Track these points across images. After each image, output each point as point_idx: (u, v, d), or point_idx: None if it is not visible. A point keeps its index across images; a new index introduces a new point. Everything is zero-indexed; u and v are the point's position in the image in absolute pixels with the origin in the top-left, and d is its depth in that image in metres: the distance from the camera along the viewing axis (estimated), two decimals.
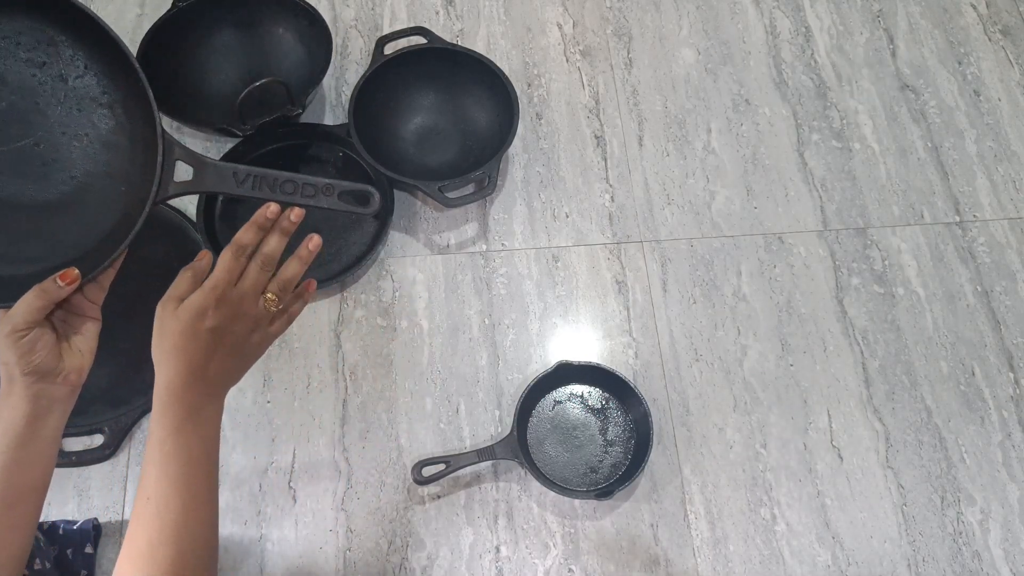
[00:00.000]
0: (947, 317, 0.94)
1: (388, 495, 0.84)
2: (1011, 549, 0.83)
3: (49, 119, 0.54)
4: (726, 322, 0.94)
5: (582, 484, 0.84)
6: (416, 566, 0.81)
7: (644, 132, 1.05)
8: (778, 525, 0.84)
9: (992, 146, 1.05)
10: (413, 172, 0.98)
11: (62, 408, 0.54)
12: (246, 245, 0.59)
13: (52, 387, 0.53)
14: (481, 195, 0.91)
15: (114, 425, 0.85)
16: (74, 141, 0.55)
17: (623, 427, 0.87)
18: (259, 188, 0.59)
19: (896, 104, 1.07)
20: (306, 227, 1.02)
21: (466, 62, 1.00)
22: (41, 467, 0.54)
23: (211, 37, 1.04)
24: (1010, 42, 1.13)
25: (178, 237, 0.96)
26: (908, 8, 1.15)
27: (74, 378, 0.54)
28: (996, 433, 0.89)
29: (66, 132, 0.54)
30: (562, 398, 0.89)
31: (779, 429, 0.88)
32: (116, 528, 0.82)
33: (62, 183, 0.55)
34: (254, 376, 0.89)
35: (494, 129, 0.99)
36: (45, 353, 0.52)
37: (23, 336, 0.50)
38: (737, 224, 0.99)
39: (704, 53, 1.11)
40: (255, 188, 0.58)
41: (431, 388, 0.90)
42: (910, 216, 1.00)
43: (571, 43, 1.11)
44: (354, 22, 1.12)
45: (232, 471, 0.85)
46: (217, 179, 0.57)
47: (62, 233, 0.55)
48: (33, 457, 0.53)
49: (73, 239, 0.55)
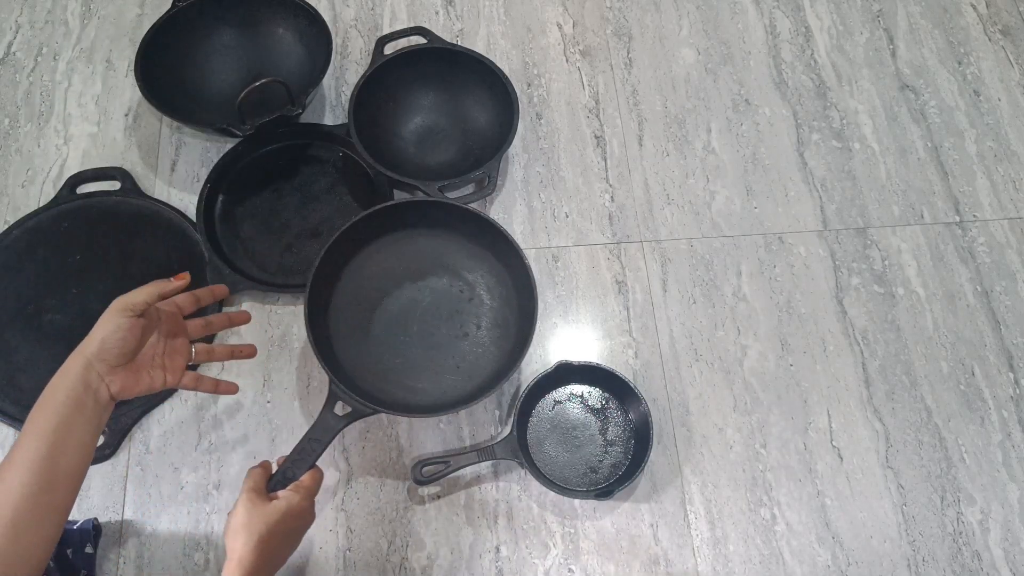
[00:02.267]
0: (947, 317, 0.94)
1: (388, 495, 0.84)
2: (1011, 549, 0.83)
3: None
4: (726, 322, 0.94)
5: (582, 484, 0.84)
6: (416, 566, 0.81)
7: (644, 132, 1.05)
8: (778, 525, 0.84)
9: (992, 146, 1.05)
10: (413, 172, 0.98)
11: (100, 411, 0.62)
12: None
13: (100, 383, 0.61)
14: (482, 195, 0.91)
15: (114, 425, 0.85)
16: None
17: (623, 427, 0.87)
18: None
19: (896, 104, 1.07)
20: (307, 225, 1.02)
21: (466, 62, 1.00)
22: (81, 455, 0.60)
23: (211, 37, 1.04)
24: (1010, 42, 1.13)
25: (178, 237, 0.96)
26: (908, 8, 1.15)
27: (116, 388, 0.62)
28: (996, 433, 0.89)
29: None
30: (562, 398, 0.89)
31: (779, 429, 0.88)
32: (116, 528, 0.82)
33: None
34: (254, 376, 0.89)
35: (494, 129, 0.99)
36: (128, 341, 0.62)
37: (130, 315, 0.62)
38: (737, 224, 0.99)
39: (704, 53, 1.11)
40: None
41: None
42: (910, 216, 1.00)
43: (571, 43, 1.11)
44: (354, 22, 1.12)
45: (232, 471, 0.85)
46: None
47: None
48: (76, 442, 0.59)
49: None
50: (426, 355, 0.85)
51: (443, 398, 0.83)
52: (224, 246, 0.95)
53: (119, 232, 0.96)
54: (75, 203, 0.97)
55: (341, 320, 0.85)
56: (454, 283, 0.88)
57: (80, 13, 1.12)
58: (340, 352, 0.83)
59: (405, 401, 0.82)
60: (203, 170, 1.00)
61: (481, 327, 0.87)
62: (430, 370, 0.85)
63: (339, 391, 0.76)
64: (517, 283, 0.86)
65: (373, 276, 0.88)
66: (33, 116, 1.05)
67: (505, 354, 0.84)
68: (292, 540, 0.71)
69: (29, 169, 1.01)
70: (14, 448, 0.58)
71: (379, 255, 0.88)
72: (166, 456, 0.86)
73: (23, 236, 0.95)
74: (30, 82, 1.07)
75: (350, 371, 0.81)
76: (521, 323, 0.84)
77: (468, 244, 0.89)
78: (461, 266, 0.89)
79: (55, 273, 0.93)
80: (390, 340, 0.86)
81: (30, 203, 0.98)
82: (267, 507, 0.68)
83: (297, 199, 0.99)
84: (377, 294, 0.87)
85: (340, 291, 0.86)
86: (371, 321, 0.86)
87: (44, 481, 0.57)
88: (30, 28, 1.11)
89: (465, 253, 0.89)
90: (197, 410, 0.88)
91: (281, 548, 0.69)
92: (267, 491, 0.70)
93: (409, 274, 0.88)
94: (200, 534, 0.82)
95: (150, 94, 0.94)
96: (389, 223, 0.87)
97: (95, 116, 1.05)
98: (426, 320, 0.87)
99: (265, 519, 0.66)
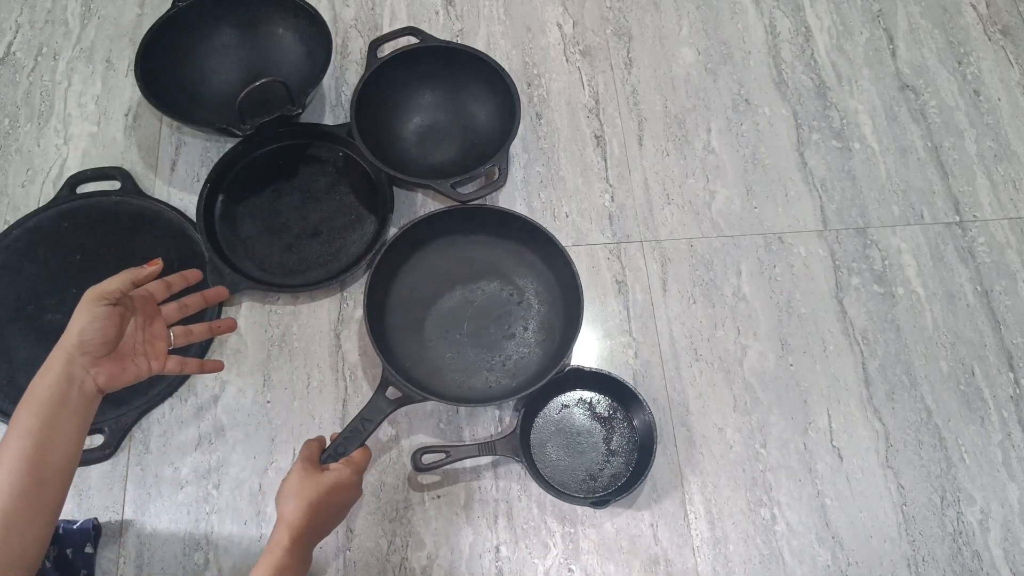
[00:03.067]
0: (947, 317, 0.94)
1: (388, 495, 0.84)
2: (1011, 549, 0.83)
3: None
4: (726, 322, 0.94)
5: (580, 490, 0.84)
6: (416, 566, 0.81)
7: (644, 132, 1.05)
8: (778, 525, 0.84)
9: (992, 146, 1.05)
10: (417, 171, 0.98)
11: (87, 404, 0.61)
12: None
13: (84, 375, 0.61)
14: (493, 187, 0.91)
15: (114, 425, 0.86)
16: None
17: (628, 439, 0.87)
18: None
19: (896, 104, 1.07)
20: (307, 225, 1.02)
21: (462, 58, 1.00)
22: (69, 451, 0.60)
23: (211, 37, 1.04)
24: (1010, 42, 1.13)
25: (178, 237, 0.96)
26: (908, 8, 1.15)
27: (103, 380, 0.62)
28: (996, 433, 0.89)
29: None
30: (570, 402, 0.89)
31: (779, 429, 0.88)
32: (116, 528, 0.82)
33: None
34: (254, 376, 0.90)
35: (495, 123, 1.00)
36: (107, 330, 0.62)
37: (105, 304, 0.62)
38: (737, 224, 0.99)
39: (704, 53, 1.11)
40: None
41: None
42: (910, 216, 1.00)
43: (571, 43, 1.11)
44: (354, 22, 1.12)
45: (232, 471, 0.85)
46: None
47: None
48: (63, 438, 0.59)
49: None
50: (475, 352, 0.90)
51: (488, 392, 0.88)
52: (224, 246, 0.95)
53: (119, 232, 0.96)
54: (75, 203, 0.97)
55: (397, 314, 0.90)
56: (505, 287, 0.92)
57: (80, 13, 1.12)
58: (394, 343, 0.88)
59: (452, 393, 0.87)
60: (203, 170, 1.00)
61: (528, 329, 0.91)
62: (478, 366, 0.89)
63: (391, 377, 0.80)
64: (565, 290, 0.90)
65: (429, 276, 0.93)
66: (33, 116, 1.05)
67: (549, 356, 0.88)
68: (339, 512, 0.74)
69: (29, 169, 1.01)
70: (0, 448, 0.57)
71: (435, 256, 0.93)
72: (166, 456, 0.86)
73: (23, 236, 0.95)
74: (30, 82, 1.07)
75: (402, 361, 0.87)
76: (566, 328, 0.88)
77: (520, 250, 0.93)
78: (512, 271, 0.93)
79: (55, 273, 0.93)
80: (442, 336, 0.91)
81: (30, 203, 0.98)
82: (319, 477, 0.71)
83: (297, 199, 0.99)
84: (432, 293, 0.92)
85: (397, 287, 0.92)
86: (425, 317, 0.91)
87: (32, 479, 0.56)
88: (30, 28, 1.11)
89: (517, 259, 0.93)
90: (197, 410, 0.88)
91: (328, 518, 0.72)
92: (319, 463, 0.74)
93: (463, 276, 0.93)
94: (200, 534, 0.82)
95: (150, 94, 0.94)
96: (446, 226, 0.92)
97: (95, 116, 1.05)
98: (477, 320, 0.91)
99: (316, 488, 0.69)
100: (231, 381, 0.89)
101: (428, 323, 0.91)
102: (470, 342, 0.90)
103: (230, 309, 0.93)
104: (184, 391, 0.89)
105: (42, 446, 0.57)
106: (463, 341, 0.90)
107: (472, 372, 0.89)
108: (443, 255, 0.93)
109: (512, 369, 0.89)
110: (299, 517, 0.67)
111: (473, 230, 0.93)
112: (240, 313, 0.93)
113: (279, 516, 0.69)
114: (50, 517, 0.58)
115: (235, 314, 0.93)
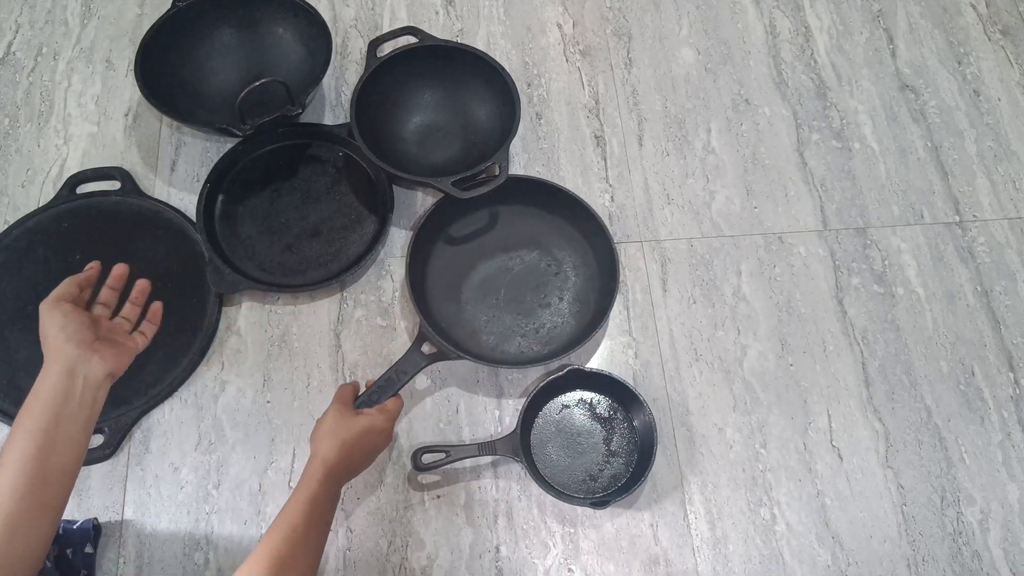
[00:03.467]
0: (947, 317, 0.94)
1: (388, 495, 0.84)
2: (1011, 549, 0.83)
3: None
4: (726, 322, 0.94)
5: (580, 491, 0.84)
6: (416, 566, 0.81)
7: (644, 132, 1.05)
8: (778, 525, 0.84)
9: (992, 146, 1.05)
10: (418, 171, 0.98)
11: (93, 394, 0.62)
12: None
13: (87, 365, 0.62)
14: (493, 185, 0.91)
15: (114, 425, 0.86)
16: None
17: (628, 439, 0.87)
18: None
19: (896, 104, 1.07)
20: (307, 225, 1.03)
21: (460, 57, 1.00)
22: (73, 452, 0.60)
23: (211, 37, 1.04)
24: (1010, 42, 1.13)
25: (178, 237, 0.96)
26: (908, 8, 1.15)
27: (110, 361, 0.64)
28: (996, 433, 0.89)
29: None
30: (570, 403, 0.89)
31: (779, 429, 0.88)
32: (116, 528, 0.82)
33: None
34: (254, 376, 0.90)
35: (495, 120, 1.00)
36: (78, 325, 0.63)
37: (64, 303, 0.64)
38: (737, 224, 0.99)
39: (704, 53, 1.11)
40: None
41: (431, 388, 0.90)
42: (910, 216, 1.00)
43: (571, 43, 1.11)
44: (354, 22, 1.12)
45: (232, 471, 0.85)
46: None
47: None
48: (66, 439, 0.59)
49: None
50: (511, 318, 0.93)
51: (520, 357, 0.91)
52: (224, 246, 0.95)
53: (119, 232, 0.96)
54: (75, 203, 0.97)
55: (437, 275, 0.95)
56: (544, 257, 0.96)
57: (80, 13, 1.12)
58: (432, 301, 0.92)
59: (486, 354, 0.90)
60: (203, 170, 1.00)
61: (563, 300, 0.94)
62: (512, 331, 0.93)
63: (428, 333, 0.85)
64: (602, 265, 0.94)
65: (472, 240, 0.97)
66: (33, 116, 1.05)
67: (581, 327, 0.91)
68: (370, 454, 0.77)
69: (29, 169, 1.01)
70: (3, 449, 0.57)
71: (479, 223, 0.98)
72: (166, 456, 0.86)
73: (23, 236, 0.95)
74: (30, 82, 1.07)
75: (439, 320, 0.91)
76: (600, 301, 0.91)
77: (562, 224, 0.97)
78: (552, 243, 0.97)
79: (55, 273, 0.93)
80: (480, 300, 0.94)
81: (30, 203, 0.98)
82: (353, 419, 0.75)
83: (297, 199, 0.99)
84: (473, 257, 0.96)
85: (440, 249, 0.96)
86: (464, 280, 0.95)
87: (36, 480, 0.57)
88: (30, 28, 1.11)
89: (558, 232, 0.97)
90: (197, 410, 0.88)
91: (360, 459, 0.75)
92: (353, 407, 0.78)
93: (504, 244, 0.97)
94: (200, 534, 0.82)
95: (150, 94, 0.94)
96: (492, 195, 0.93)
97: (95, 116, 1.05)
98: (514, 287, 0.95)
99: (350, 429, 0.73)
100: (231, 381, 0.89)
101: (467, 286, 0.94)
102: (506, 308, 0.93)
103: (231, 309, 0.93)
104: (184, 391, 0.89)
105: (45, 447, 0.58)
106: (500, 306, 0.94)
107: (506, 336, 0.92)
108: (487, 222, 0.98)
109: (545, 337, 0.92)
110: (334, 454, 0.71)
111: (518, 200, 0.97)
112: (240, 313, 0.93)
113: (313, 453, 0.72)
114: (53, 516, 0.58)
115: (235, 314, 0.93)
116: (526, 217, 0.98)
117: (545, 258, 0.96)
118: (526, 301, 0.94)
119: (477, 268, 0.95)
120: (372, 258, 0.94)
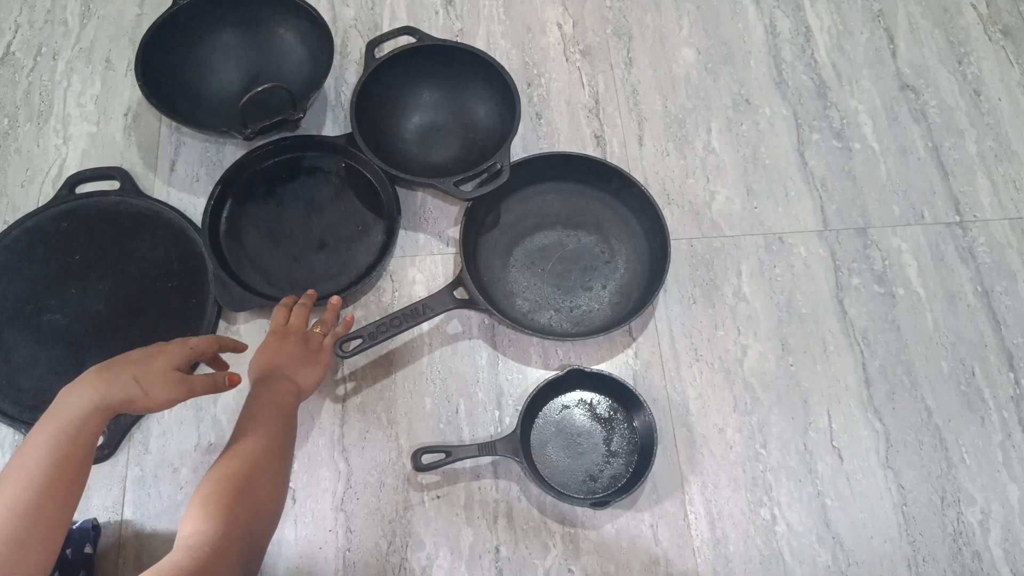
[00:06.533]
0: (947, 317, 0.94)
1: (388, 495, 0.84)
2: (1011, 549, 0.83)
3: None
4: (726, 322, 0.93)
5: (580, 491, 0.84)
6: (416, 566, 0.81)
7: (644, 132, 1.05)
8: (778, 525, 0.84)
9: (992, 146, 1.05)
10: (419, 171, 0.98)
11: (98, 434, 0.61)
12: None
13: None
14: (493, 185, 0.91)
15: (114, 425, 0.85)
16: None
17: (628, 440, 0.87)
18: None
19: (896, 104, 1.07)
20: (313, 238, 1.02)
21: (459, 56, 1.00)
22: (77, 485, 0.58)
23: (211, 36, 1.04)
24: (1010, 42, 1.12)
25: (177, 237, 0.95)
26: (908, 8, 1.15)
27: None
28: (996, 433, 0.88)
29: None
30: (570, 403, 0.89)
31: (779, 429, 0.88)
32: (115, 528, 0.82)
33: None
34: None
35: (494, 119, 1.00)
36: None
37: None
38: (737, 224, 0.99)
39: (704, 53, 1.10)
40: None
41: (431, 388, 0.90)
42: (910, 216, 1.00)
43: (571, 43, 1.11)
44: (354, 22, 1.12)
45: None
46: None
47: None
48: (71, 474, 0.57)
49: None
50: (550, 291, 0.95)
51: (547, 329, 0.93)
52: (230, 261, 0.94)
53: (119, 232, 0.96)
54: (74, 203, 0.97)
55: (492, 232, 0.98)
56: (600, 243, 0.97)
57: (79, 13, 1.12)
58: (480, 254, 0.96)
59: (515, 316, 0.92)
60: (202, 170, 1.00)
61: (606, 288, 0.95)
62: (548, 304, 0.94)
63: (465, 279, 0.88)
64: (654, 263, 0.95)
65: (535, 209, 0.99)
66: (32, 116, 1.05)
67: (617, 319, 0.92)
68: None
69: (28, 169, 1.01)
70: (9, 464, 0.56)
71: (548, 195, 1.00)
72: (166, 456, 0.86)
73: (23, 236, 0.95)
74: (29, 82, 1.07)
75: (482, 273, 0.95)
76: (642, 298, 0.92)
77: (628, 216, 0.98)
78: (612, 232, 0.98)
79: (55, 273, 0.93)
80: (527, 266, 0.96)
81: (29, 203, 0.98)
82: (325, 353, 0.83)
83: (301, 211, 0.98)
84: (533, 225, 0.99)
85: (502, 209, 0.99)
86: (517, 244, 0.97)
87: (43, 497, 0.55)
88: (30, 28, 1.11)
89: (621, 223, 0.98)
90: (197, 410, 0.88)
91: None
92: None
93: (566, 220, 0.99)
94: None
95: (150, 94, 0.94)
96: (563, 172, 0.98)
97: (94, 116, 1.05)
98: (564, 262, 0.97)
99: (324, 364, 0.82)
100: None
101: (518, 250, 0.97)
102: (549, 280, 0.95)
103: (231, 326, 0.93)
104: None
105: (51, 485, 0.56)
106: (544, 277, 0.95)
107: (540, 307, 0.94)
108: (556, 196, 1.00)
109: (577, 318, 0.93)
110: (311, 387, 0.79)
111: (595, 186, 0.99)
112: (241, 317, 0.93)
113: (289, 377, 0.77)
114: (57, 538, 0.57)
115: (235, 314, 0.92)
116: (595, 202, 0.99)
117: (601, 244, 0.97)
118: (571, 279, 0.95)
119: (533, 236, 0.97)
120: (380, 270, 0.94)
